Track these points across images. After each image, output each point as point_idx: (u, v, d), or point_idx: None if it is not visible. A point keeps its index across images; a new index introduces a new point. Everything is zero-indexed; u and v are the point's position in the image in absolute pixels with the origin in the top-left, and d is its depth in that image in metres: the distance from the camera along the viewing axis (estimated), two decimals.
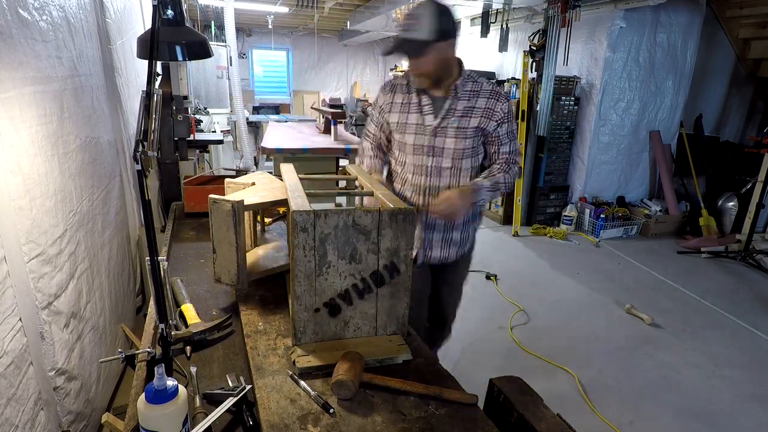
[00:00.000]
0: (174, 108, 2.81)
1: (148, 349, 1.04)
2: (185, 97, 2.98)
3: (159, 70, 2.90)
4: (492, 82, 1.58)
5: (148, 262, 1.00)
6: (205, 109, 5.20)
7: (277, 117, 8.27)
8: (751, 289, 3.78)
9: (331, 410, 0.94)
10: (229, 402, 0.95)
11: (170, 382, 0.82)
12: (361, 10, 6.87)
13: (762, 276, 4.03)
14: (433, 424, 0.93)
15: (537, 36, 4.74)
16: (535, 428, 0.88)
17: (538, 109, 4.77)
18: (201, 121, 4.20)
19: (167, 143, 2.78)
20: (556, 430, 0.87)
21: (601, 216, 4.80)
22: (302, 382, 1.02)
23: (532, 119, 4.85)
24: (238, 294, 1.44)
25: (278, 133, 4.94)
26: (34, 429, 1.37)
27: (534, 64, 4.79)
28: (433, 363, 1.14)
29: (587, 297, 3.54)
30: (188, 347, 1.18)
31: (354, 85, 10.80)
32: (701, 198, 4.93)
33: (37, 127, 1.49)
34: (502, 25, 5.70)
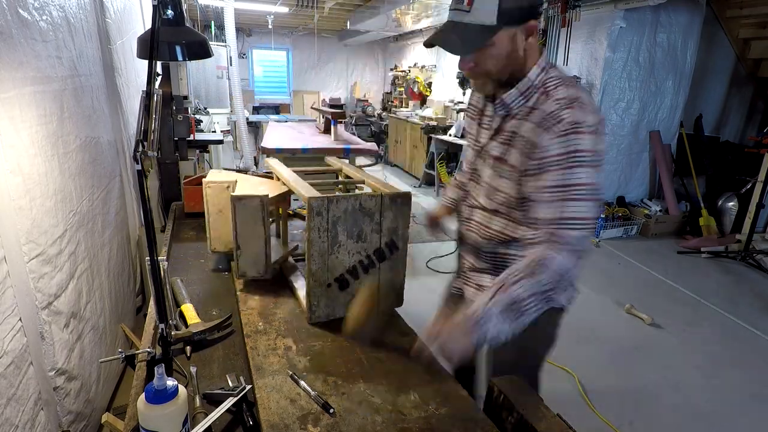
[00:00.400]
0: (174, 108, 2.81)
1: (148, 349, 1.04)
2: (185, 97, 2.98)
3: (159, 70, 2.90)
4: (569, 98, 1.01)
5: (148, 262, 1.00)
6: (205, 109, 5.19)
7: (277, 117, 8.27)
8: (751, 289, 3.78)
9: (331, 410, 0.94)
10: (229, 402, 0.95)
11: (170, 382, 0.82)
12: (361, 10, 6.87)
13: (762, 276, 4.03)
14: (433, 424, 0.93)
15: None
16: (535, 428, 0.88)
17: None
18: (201, 121, 4.20)
19: (167, 143, 2.78)
20: (556, 430, 0.87)
21: (601, 216, 4.81)
22: (302, 382, 1.02)
23: None
24: (238, 293, 1.44)
25: (278, 133, 4.94)
26: (34, 429, 1.37)
27: None
28: (432, 363, 1.14)
29: (587, 297, 3.54)
30: (188, 347, 1.18)
31: (354, 85, 10.80)
32: (701, 198, 4.93)
33: (37, 127, 1.49)
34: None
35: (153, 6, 1.02)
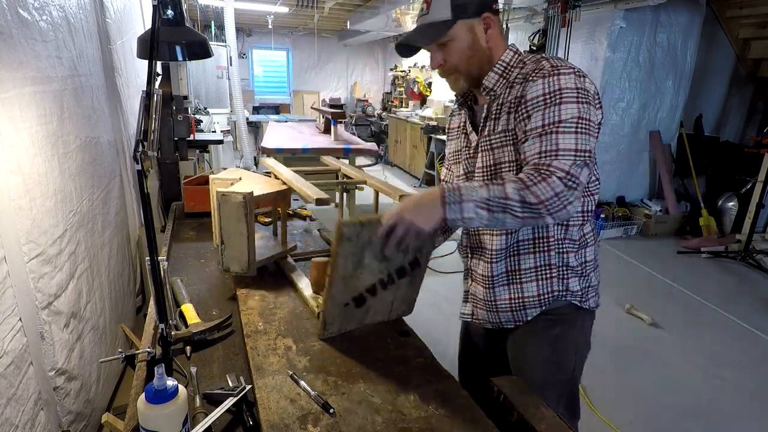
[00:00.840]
0: (174, 108, 2.81)
1: (148, 349, 1.04)
2: (185, 97, 2.98)
3: (159, 70, 2.90)
4: (549, 58, 1.08)
5: (148, 262, 1.00)
6: (205, 109, 5.20)
7: (277, 117, 8.28)
8: (751, 289, 3.78)
9: (331, 410, 0.94)
10: (229, 402, 0.95)
11: (170, 382, 0.82)
12: (361, 10, 6.87)
13: (762, 276, 4.03)
14: (433, 424, 0.93)
15: (537, 36, 4.74)
16: (535, 428, 0.88)
17: None
18: (201, 121, 4.20)
19: (167, 143, 2.78)
20: (556, 430, 0.87)
21: (601, 216, 4.80)
22: (302, 382, 1.02)
23: None
24: (238, 293, 1.44)
25: (278, 133, 4.94)
26: (34, 429, 1.37)
27: None
28: (432, 363, 1.14)
29: None
30: (188, 347, 1.18)
31: (354, 85, 10.80)
32: (701, 198, 4.93)
33: (37, 127, 1.49)
34: (502, 25, 5.70)
35: (153, 6, 1.02)
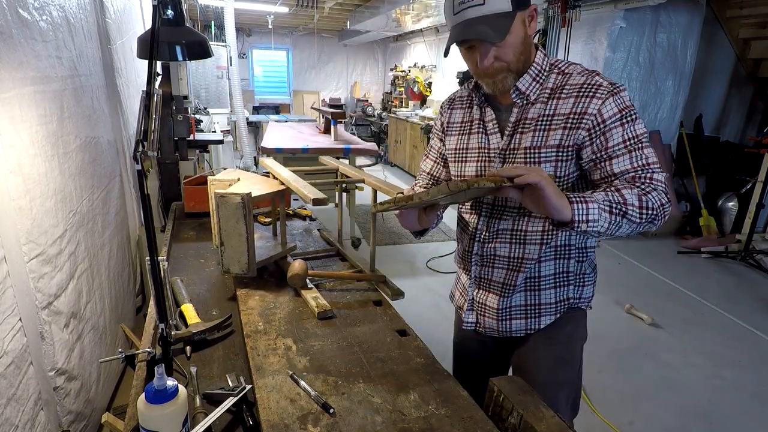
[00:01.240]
0: (174, 108, 2.81)
1: (148, 349, 1.04)
2: (185, 97, 2.98)
3: (159, 70, 2.90)
4: (587, 71, 1.07)
5: (148, 262, 1.00)
6: (205, 109, 5.20)
7: (277, 117, 8.28)
8: (751, 289, 3.78)
9: (331, 410, 0.94)
10: (229, 402, 0.95)
11: (170, 382, 0.82)
12: (361, 10, 6.88)
13: (762, 276, 4.03)
14: (433, 424, 0.93)
15: (537, 36, 4.74)
16: (535, 428, 0.88)
17: None
18: (201, 121, 4.20)
19: (167, 143, 2.78)
20: (556, 430, 0.87)
21: None
22: (302, 382, 1.02)
23: None
24: (238, 293, 1.44)
25: (278, 133, 4.94)
26: (34, 429, 1.37)
27: None
28: (432, 363, 1.14)
29: None
30: (188, 347, 1.18)
31: (354, 85, 10.80)
32: (701, 198, 4.93)
33: (37, 127, 1.49)
34: None
35: (153, 6, 1.02)
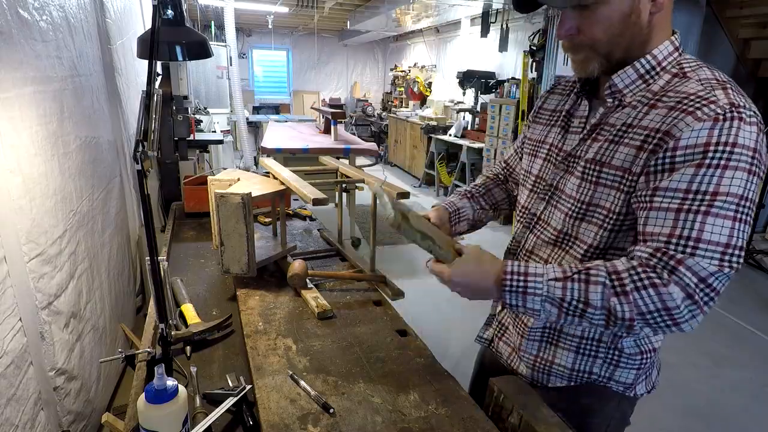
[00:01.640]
0: (174, 108, 2.81)
1: (148, 349, 1.04)
2: (185, 97, 2.98)
3: (159, 70, 2.90)
4: (720, 79, 0.74)
5: (148, 262, 1.00)
6: (205, 109, 5.20)
7: (277, 117, 8.28)
8: (752, 289, 3.78)
9: (331, 410, 0.94)
10: (229, 402, 0.95)
11: (170, 382, 0.82)
12: (361, 10, 6.88)
13: (762, 276, 4.04)
14: (433, 424, 0.93)
15: (537, 36, 4.74)
16: (534, 428, 0.88)
17: None
18: (201, 121, 4.20)
19: (167, 143, 2.78)
20: (556, 430, 0.87)
21: None
22: (302, 382, 1.02)
23: None
24: (238, 293, 1.44)
25: (278, 133, 4.94)
26: (34, 429, 1.37)
27: (534, 64, 4.79)
28: (432, 363, 1.14)
29: None
30: (188, 347, 1.18)
31: (354, 85, 10.81)
32: None
33: (37, 127, 1.49)
34: (502, 25, 5.70)
35: (153, 6, 1.02)
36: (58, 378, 1.52)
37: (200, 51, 1.56)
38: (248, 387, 1.00)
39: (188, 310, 1.32)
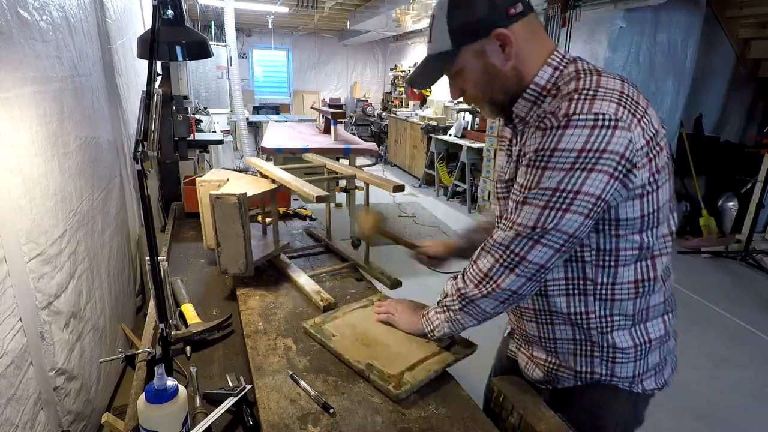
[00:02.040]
0: (174, 108, 2.81)
1: (148, 349, 1.04)
2: (185, 97, 2.98)
3: (159, 70, 2.90)
4: (581, 88, 0.84)
5: (148, 262, 1.00)
6: (205, 109, 5.20)
7: (277, 117, 8.28)
8: (751, 289, 3.78)
9: (331, 410, 0.94)
10: (229, 402, 0.95)
11: (170, 382, 0.82)
12: (361, 10, 6.88)
13: (762, 276, 4.03)
14: (433, 424, 0.93)
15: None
16: (535, 428, 0.88)
17: None
18: (201, 121, 4.20)
19: (167, 143, 2.78)
20: (555, 430, 0.87)
21: None
22: (302, 382, 1.02)
23: None
24: (238, 293, 1.44)
25: (278, 133, 4.94)
26: (34, 429, 1.37)
27: None
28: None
29: None
30: (188, 347, 1.18)
31: (354, 85, 10.81)
32: (701, 198, 4.93)
33: (37, 127, 1.49)
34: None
35: (153, 6, 1.02)
36: (58, 378, 1.52)
37: (200, 51, 1.56)
38: (248, 387, 1.00)
39: (188, 310, 1.32)
